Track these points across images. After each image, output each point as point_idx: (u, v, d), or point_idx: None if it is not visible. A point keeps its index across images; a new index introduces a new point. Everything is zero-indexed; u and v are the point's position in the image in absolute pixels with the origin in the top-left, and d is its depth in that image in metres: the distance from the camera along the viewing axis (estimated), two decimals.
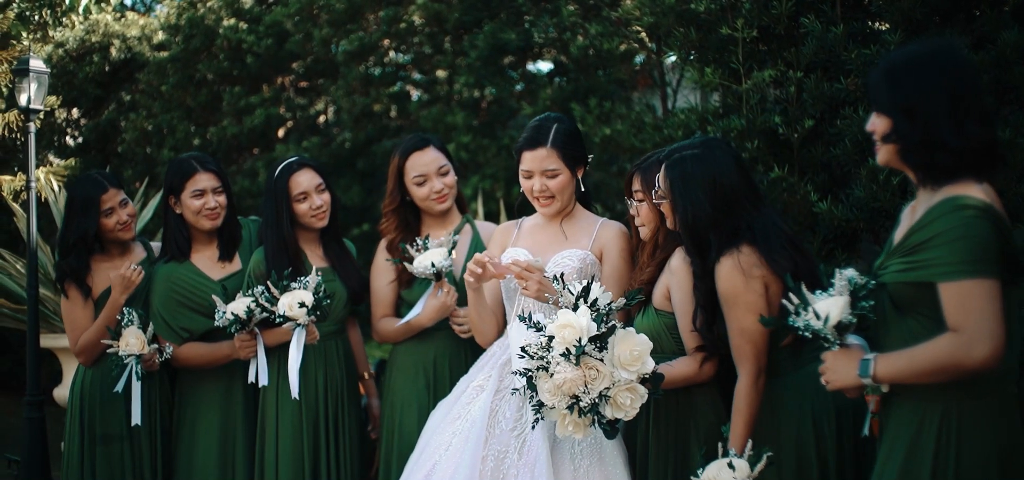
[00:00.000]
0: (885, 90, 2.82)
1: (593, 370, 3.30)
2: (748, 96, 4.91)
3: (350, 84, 10.31)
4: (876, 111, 2.86)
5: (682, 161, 3.54)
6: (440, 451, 3.91)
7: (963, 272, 2.65)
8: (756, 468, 3.33)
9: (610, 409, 3.32)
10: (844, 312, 2.89)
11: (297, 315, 4.35)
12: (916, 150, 2.78)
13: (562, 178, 3.98)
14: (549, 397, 3.34)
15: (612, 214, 6.10)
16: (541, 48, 9.60)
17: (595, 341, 3.30)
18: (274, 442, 4.58)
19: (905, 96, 2.78)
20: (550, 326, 3.34)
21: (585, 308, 3.34)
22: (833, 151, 4.75)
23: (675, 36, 5.29)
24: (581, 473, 3.71)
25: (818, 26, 4.76)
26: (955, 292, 2.65)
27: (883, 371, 2.81)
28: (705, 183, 3.48)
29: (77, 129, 12.46)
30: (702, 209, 3.46)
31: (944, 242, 2.68)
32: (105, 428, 4.72)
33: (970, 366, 2.65)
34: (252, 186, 10.35)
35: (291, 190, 4.64)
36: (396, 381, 4.62)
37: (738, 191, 3.50)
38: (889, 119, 2.82)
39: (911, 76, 2.78)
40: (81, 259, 4.74)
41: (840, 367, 2.94)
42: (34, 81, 7.44)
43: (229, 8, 11.03)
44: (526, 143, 4.02)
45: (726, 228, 3.47)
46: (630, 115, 6.12)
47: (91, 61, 11.72)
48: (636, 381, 3.32)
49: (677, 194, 3.53)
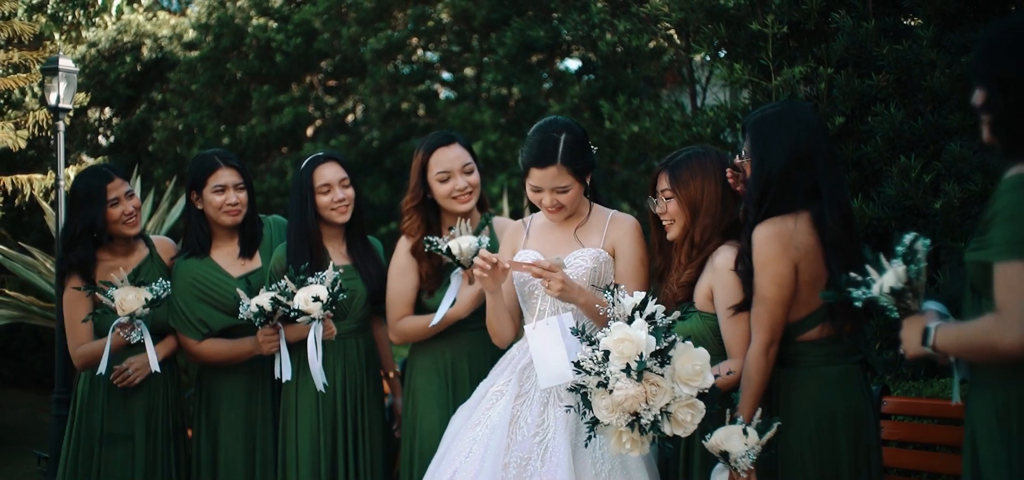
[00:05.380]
0: (983, 62, 2.74)
1: (654, 386, 3.18)
2: (778, 93, 4.85)
3: (378, 82, 10.32)
4: (977, 84, 2.77)
5: (764, 118, 3.53)
6: (460, 457, 3.85)
7: (1011, 253, 2.57)
8: (765, 436, 3.29)
9: (669, 426, 3.21)
10: (898, 279, 2.85)
11: (311, 309, 4.33)
12: (1006, 123, 2.69)
13: (572, 192, 3.90)
14: (607, 414, 3.22)
15: (640, 212, 6.05)
16: (569, 45, 9.56)
17: (657, 355, 3.19)
18: (294, 439, 4.58)
19: (1001, 67, 2.68)
20: (604, 340, 3.24)
21: (641, 321, 3.25)
22: (864, 148, 4.68)
23: (704, 32, 5.23)
24: (603, 479, 3.65)
25: (849, 22, 4.69)
26: (1002, 272, 2.58)
27: (942, 341, 2.76)
28: (783, 136, 3.46)
29: (109, 128, 12.58)
30: (777, 162, 3.43)
31: (1003, 220, 2.60)
32: (109, 429, 4.69)
33: (1003, 349, 2.57)
34: (281, 185, 10.39)
35: (315, 182, 4.63)
36: (416, 381, 4.59)
37: (816, 150, 3.47)
38: (985, 91, 2.72)
39: (1008, 47, 2.69)
40: (87, 250, 4.65)
41: (909, 334, 2.88)
42: (63, 80, 7.51)
43: (258, 7, 11.08)
44: (534, 161, 3.88)
45: (794, 184, 3.43)
46: (659, 112, 6.07)
47: (123, 61, 11.83)
48: (696, 396, 3.23)
49: (757, 147, 3.49)
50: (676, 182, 3.72)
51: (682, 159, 3.76)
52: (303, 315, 4.36)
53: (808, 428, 3.44)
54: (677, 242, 3.78)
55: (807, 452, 3.43)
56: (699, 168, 3.71)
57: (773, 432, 3.29)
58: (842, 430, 3.43)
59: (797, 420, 3.44)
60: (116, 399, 4.68)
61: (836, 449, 3.43)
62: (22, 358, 11.58)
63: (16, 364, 11.64)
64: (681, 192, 3.71)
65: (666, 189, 3.76)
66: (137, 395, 4.69)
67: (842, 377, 3.47)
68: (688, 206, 3.70)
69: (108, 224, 4.66)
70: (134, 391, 4.68)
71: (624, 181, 8.71)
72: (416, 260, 4.57)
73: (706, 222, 3.69)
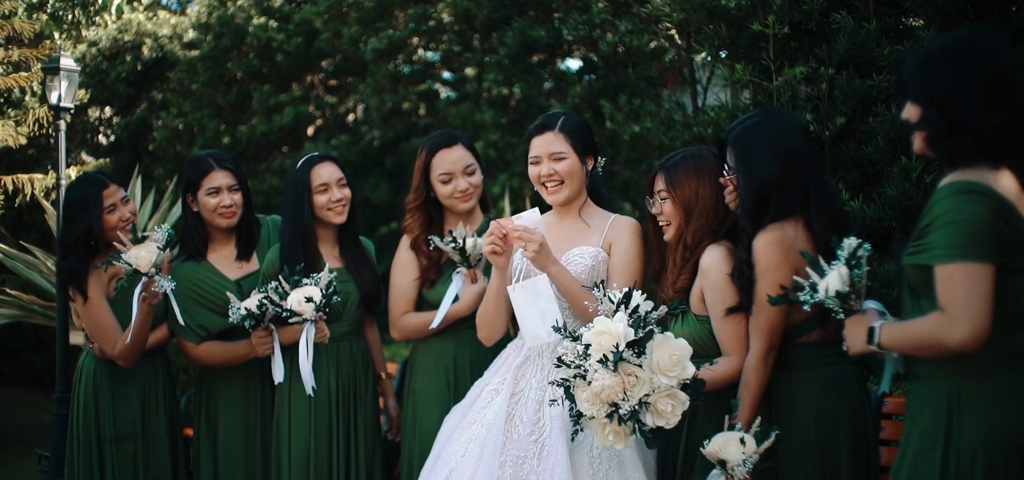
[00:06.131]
0: (917, 79, 2.89)
1: (632, 377, 3.21)
2: (779, 93, 4.85)
3: (379, 82, 10.31)
4: (909, 100, 2.92)
5: (745, 130, 3.56)
6: (456, 457, 3.85)
7: (952, 255, 2.72)
8: (763, 445, 3.32)
9: (651, 417, 3.23)
10: (842, 282, 3.02)
11: (304, 310, 4.33)
12: (942, 137, 2.84)
13: (569, 162, 3.93)
14: (588, 407, 3.25)
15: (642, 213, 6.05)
16: (570, 45, 9.55)
17: (633, 346, 3.22)
18: (287, 442, 4.57)
19: (934, 85, 2.84)
20: (587, 334, 3.28)
21: (622, 314, 3.28)
22: (865, 149, 4.68)
23: (705, 33, 5.23)
24: (600, 477, 3.65)
25: (850, 22, 4.69)
26: (943, 274, 2.74)
27: (886, 339, 2.97)
28: (769, 144, 3.49)
29: (109, 128, 12.58)
30: (768, 170, 3.45)
31: (940, 225, 2.76)
32: (116, 427, 4.69)
33: (950, 346, 2.74)
34: (281, 184, 10.38)
35: (312, 181, 4.62)
36: (417, 381, 4.60)
37: (800, 152, 3.51)
38: (920, 107, 2.88)
39: (941, 65, 2.85)
40: (80, 260, 4.62)
41: (854, 333, 3.08)
42: (65, 79, 7.50)
43: (259, 7, 11.08)
44: (534, 130, 4.02)
45: (789, 189, 3.45)
46: (660, 113, 6.06)
47: (123, 60, 11.82)
48: (676, 387, 3.25)
49: (743, 160, 3.51)
50: (672, 183, 3.74)
51: (678, 160, 3.78)
52: (295, 316, 4.35)
53: (808, 429, 3.45)
54: (672, 244, 3.80)
55: (807, 453, 3.45)
56: (695, 170, 3.72)
57: (771, 441, 3.30)
58: (841, 431, 3.45)
59: (797, 421, 3.46)
60: (117, 398, 4.69)
61: (836, 449, 3.45)
62: (23, 357, 11.57)
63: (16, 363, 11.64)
64: (676, 193, 3.73)
65: (662, 190, 3.78)
66: (135, 393, 4.70)
67: (841, 378, 3.49)
68: (683, 207, 3.72)
69: (105, 231, 4.64)
70: (132, 389, 4.69)
71: (625, 181, 8.70)
72: (416, 255, 4.60)
73: (699, 223, 3.71)
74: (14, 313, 8.22)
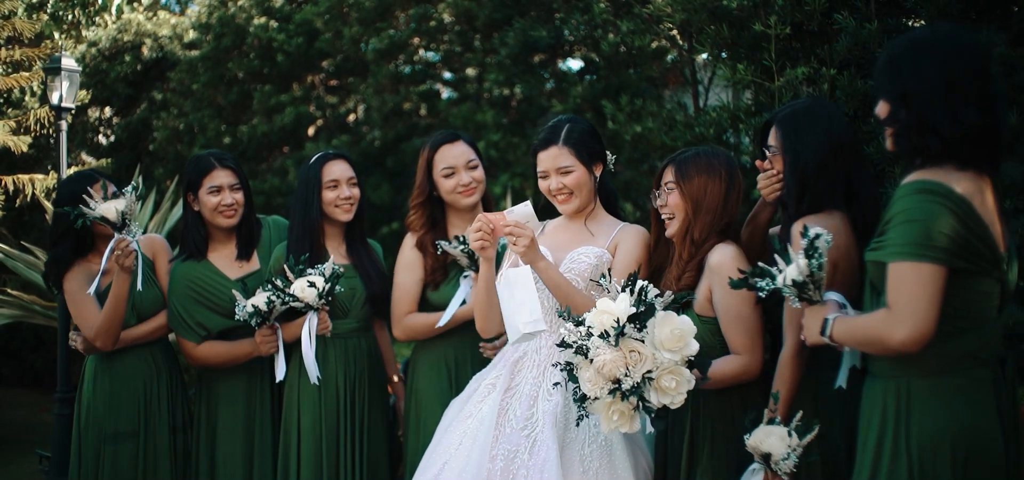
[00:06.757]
0: (886, 76, 2.89)
1: (634, 352, 3.20)
2: (781, 93, 4.85)
3: (380, 82, 10.31)
4: (880, 97, 2.92)
5: (795, 111, 3.56)
6: (451, 449, 3.88)
7: (904, 254, 2.73)
8: (806, 438, 3.32)
9: (655, 394, 3.20)
10: (799, 272, 3.03)
11: (307, 296, 4.34)
12: (908, 135, 2.84)
13: (577, 174, 3.94)
14: (590, 386, 3.23)
15: (643, 213, 6.04)
16: (571, 45, 9.56)
17: (634, 320, 3.21)
18: (296, 438, 4.58)
19: (902, 82, 2.83)
20: (589, 316, 3.28)
21: (627, 296, 3.27)
22: (867, 149, 4.68)
23: (707, 33, 5.23)
24: (590, 474, 3.66)
25: (852, 22, 4.69)
26: (894, 272, 2.75)
27: (838, 333, 2.98)
28: (818, 128, 3.49)
29: (109, 128, 12.57)
30: (815, 153, 3.46)
31: (897, 223, 2.77)
32: (115, 426, 4.70)
33: (891, 344, 2.75)
34: (282, 184, 10.38)
35: (323, 176, 4.66)
36: (419, 380, 4.61)
37: (847, 143, 3.52)
38: (889, 104, 2.88)
39: (909, 62, 2.84)
40: (65, 252, 4.63)
41: (810, 323, 3.09)
42: (66, 79, 7.49)
43: (259, 7, 11.08)
44: (539, 144, 4.02)
45: (831, 177, 3.46)
46: (661, 113, 6.06)
47: (123, 60, 11.81)
48: (680, 363, 3.23)
49: (791, 140, 3.52)
50: (682, 175, 3.76)
51: (691, 155, 3.81)
52: (299, 303, 4.37)
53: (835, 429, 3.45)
54: (678, 237, 3.80)
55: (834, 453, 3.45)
56: (706, 165, 3.74)
57: (814, 434, 3.30)
58: None
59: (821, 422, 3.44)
60: (117, 397, 4.69)
61: None
62: (23, 357, 11.55)
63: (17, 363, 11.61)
64: (685, 185, 3.74)
65: (670, 181, 3.80)
66: (135, 393, 4.70)
67: None
68: (690, 200, 3.73)
69: (94, 228, 4.63)
70: (133, 389, 4.69)
71: (626, 182, 8.71)
72: (421, 254, 4.60)
73: (706, 219, 3.71)
74: (14, 313, 8.20)
